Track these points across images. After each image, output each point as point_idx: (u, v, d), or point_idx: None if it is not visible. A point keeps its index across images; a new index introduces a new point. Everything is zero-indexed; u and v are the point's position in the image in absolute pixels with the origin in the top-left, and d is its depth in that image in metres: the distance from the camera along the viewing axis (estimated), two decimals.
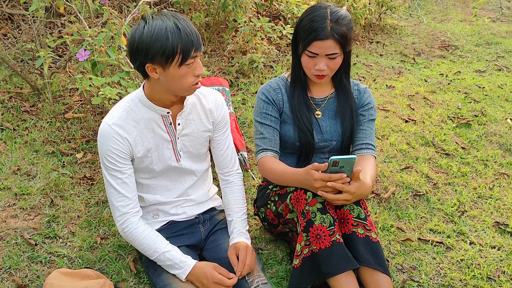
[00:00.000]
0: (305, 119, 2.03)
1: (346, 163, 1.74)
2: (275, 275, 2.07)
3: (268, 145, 2.04)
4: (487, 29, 5.72)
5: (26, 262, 2.06)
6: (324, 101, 2.09)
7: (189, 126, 1.91)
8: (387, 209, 2.52)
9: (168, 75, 1.69)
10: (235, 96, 3.54)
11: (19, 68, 3.18)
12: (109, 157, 1.80)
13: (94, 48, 2.65)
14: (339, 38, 1.86)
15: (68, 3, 2.97)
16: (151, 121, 1.84)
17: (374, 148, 2.07)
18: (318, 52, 1.88)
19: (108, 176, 1.83)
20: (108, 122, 1.79)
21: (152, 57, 1.65)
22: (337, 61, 1.92)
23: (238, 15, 3.88)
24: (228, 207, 2.05)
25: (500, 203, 2.59)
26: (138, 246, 1.87)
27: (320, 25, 1.85)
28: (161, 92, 1.78)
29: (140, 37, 1.64)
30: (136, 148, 1.83)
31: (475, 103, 3.73)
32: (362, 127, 2.08)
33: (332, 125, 2.08)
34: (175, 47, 1.63)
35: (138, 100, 1.83)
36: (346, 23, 1.89)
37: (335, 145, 2.09)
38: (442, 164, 2.91)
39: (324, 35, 1.85)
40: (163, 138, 1.88)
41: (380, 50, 4.91)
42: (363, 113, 2.09)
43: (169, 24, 1.63)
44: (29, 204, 2.39)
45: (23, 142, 2.85)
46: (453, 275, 2.09)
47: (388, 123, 3.34)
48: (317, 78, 1.97)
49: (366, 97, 2.11)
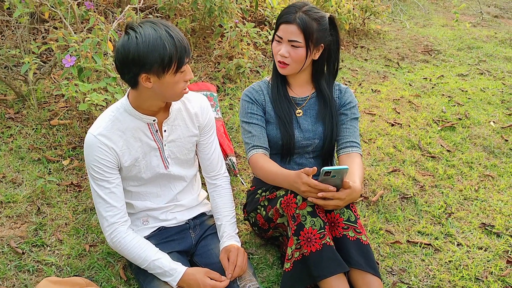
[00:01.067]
0: (286, 114, 2.07)
1: (338, 173, 1.76)
2: (266, 280, 2.07)
3: (257, 142, 2.05)
4: (468, 33, 5.83)
5: (13, 271, 2.02)
6: (304, 100, 2.12)
7: (175, 132, 1.91)
8: (376, 212, 2.54)
9: (163, 84, 1.69)
10: (222, 101, 3.54)
11: (3, 75, 3.13)
12: (96, 167, 1.79)
13: (80, 54, 2.63)
14: (302, 26, 1.92)
15: (53, 9, 2.94)
16: (137, 130, 1.83)
17: (359, 146, 2.09)
18: (282, 36, 1.96)
19: (95, 186, 1.82)
20: (93, 133, 1.78)
21: (150, 67, 1.64)
22: (299, 52, 1.96)
23: (224, 21, 3.89)
24: (216, 211, 2.05)
25: (485, 204, 2.63)
26: (127, 255, 1.86)
27: (290, 11, 1.96)
28: (149, 99, 1.77)
29: (135, 49, 1.61)
30: (123, 158, 1.82)
31: (459, 106, 3.79)
32: (345, 126, 2.11)
33: (313, 123, 2.10)
34: (172, 56, 1.63)
35: (123, 109, 1.82)
36: (316, 18, 1.95)
37: (318, 144, 2.11)
38: (428, 167, 2.95)
39: (289, 19, 1.94)
40: (150, 146, 1.87)
41: (364, 54, 4.96)
42: (346, 112, 2.12)
43: (162, 33, 1.63)
44: (15, 212, 2.35)
45: (8, 149, 2.81)
46: (442, 277, 2.12)
47: (375, 127, 3.37)
48: (279, 66, 2.02)
49: (347, 96, 2.14)
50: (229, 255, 1.88)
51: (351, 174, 1.92)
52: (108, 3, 4.17)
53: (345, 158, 2.05)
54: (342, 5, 4.82)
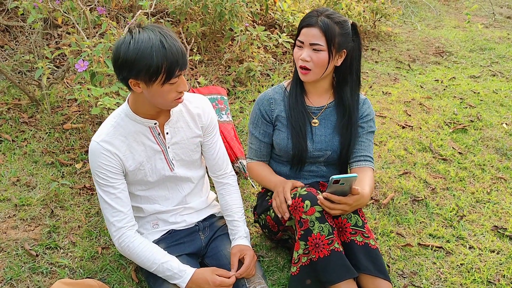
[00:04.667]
0: (301, 125, 2.04)
1: (347, 181, 1.76)
2: (276, 282, 2.07)
3: (254, 155, 2.17)
4: (480, 35, 5.78)
5: (27, 273, 2.06)
6: (320, 110, 2.08)
7: (178, 134, 1.92)
8: (387, 214, 2.53)
9: (151, 91, 1.69)
10: (233, 105, 3.56)
11: (17, 80, 3.18)
12: (101, 173, 1.81)
13: (92, 59, 2.67)
14: (324, 28, 1.89)
15: (66, 15, 2.99)
16: (139, 134, 1.84)
17: (372, 161, 2.07)
18: (304, 40, 1.94)
19: (101, 192, 1.84)
20: (96, 140, 1.80)
21: (136, 74, 1.64)
22: (321, 56, 1.92)
23: (234, 24, 3.91)
24: (226, 208, 2.06)
25: (498, 207, 2.61)
26: (136, 259, 1.87)
27: (311, 15, 1.95)
28: (144, 104, 1.79)
29: (125, 53, 1.62)
30: (127, 162, 1.84)
31: (471, 108, 3.77)
32: (361, 139, 2.07)
33: (327, 135, 2.07)
34: (159, 67, 1.62)
35: (124, 114, 1.83)
36: (338, 22, 1.93)
37: (330, 155, 2.07)
38: (440, 169, 2.93)
39: (311, 22, 1.93)
40: (153, 150, 1.88)
41: (375, 57, 4.95)
42: (362, 125, 2.08)
43: (155, 41, 1.61)
44: (29, 215, 2.39)
45: (22, 153, 2.86)
46: (454, 280, 2.11)
47: (386, 129, 3.36)
48: (301, 72, 1.98)
49: (365, 108, 2.09)
50: (244, 258, 1.91)
51: (361, 183, 1.91)
52: (120, 8, 4.22)
53: (357, 170, 2.04)
54: (353, 7, 4.82)
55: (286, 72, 4.17)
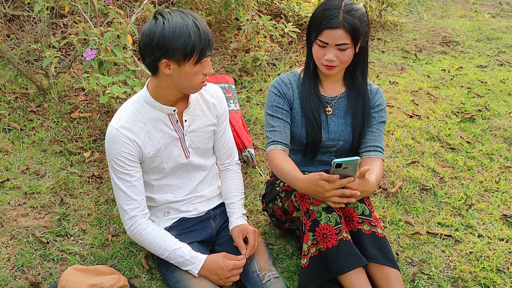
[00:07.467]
0: (315, 114, 2.02)
1: (349, 164, 1.74)
2: (286, 270, 2.08)
3: (278, 137, 2.00)
4: (487, 24, 5.74)
5: (38, 260, 2.07)
6: (333, 100, 2.06)
7: (195, 122, 1.93)
8: (395, 203, 2.53)
9: (182, 72, 1.71)
10: (239, 94, 3.55)
11: (25, 69, 3.18)
12: (119, 160, 1.80)
13: (100, 47, 2.66)
14: (349, 28, 1.84)
15: (73, 3, 2.98)
16: (158, 121, 1.85)
17: (382, 151, 2.05)
18: (328, 41, 1.87)
19: (116, 179, 1.84)
20: (115, 126, 1.79)
21: (172, 53, 1.65)
22: (347, 54, 1.89)
23: (240, 14, 3.89)
24: (227, 191, 2.09)
25: (506, 196, 2.61)
26: (148, 246, 1.89)
27: (332, 14, 1.85)
28: (167, 88, 1.79)
29: (161, 33, 1.64)
30: (146, 149, 1.84)
31: (478, 97, 3.75)
32: (371, 129, 2.06)
33: (340, 124, 2.06)
34: (195, 46, 1.65)
35: (143, 100, 1.83)
36: (359, 16, 1.87)
37: (342, 145, 2.07)
38: (448, 159, 2.93)
39: (334, 24, 1.84)
40: (171, 136, 1.89)
41: (381, 46, 4.92)
42: (374, 114, 2.06)
43: (189, 22, 1.65)
44: (39, 202, 2.40)
45: (30, 142, 2.86)
46: (463, 268, 2.11)
47: (393, 119, 3.35)
48: (326, 69, 1.93)
49: (377, 98, 2.08)
50: (247, 236, 1.95)
51: (368, 172, 1.86)
52: None
53: (366, 160, 2.02)
54: None
55: (292, 61, 4.16)
